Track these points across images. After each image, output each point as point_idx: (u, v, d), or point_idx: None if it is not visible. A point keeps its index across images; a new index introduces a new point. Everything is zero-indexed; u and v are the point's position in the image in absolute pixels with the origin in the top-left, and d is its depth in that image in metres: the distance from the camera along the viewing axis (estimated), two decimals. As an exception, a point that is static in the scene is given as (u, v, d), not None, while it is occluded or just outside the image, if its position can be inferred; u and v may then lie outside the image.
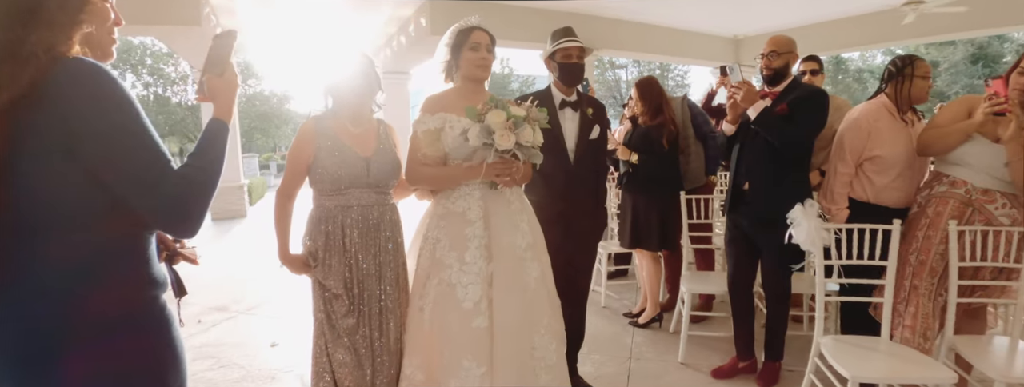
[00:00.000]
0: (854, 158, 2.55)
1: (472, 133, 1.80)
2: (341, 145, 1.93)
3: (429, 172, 1.99)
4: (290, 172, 1.98)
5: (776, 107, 2.48)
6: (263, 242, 6.39)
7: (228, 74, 1.22)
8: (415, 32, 8.06)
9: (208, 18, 7.15)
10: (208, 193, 1.06)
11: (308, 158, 1.93)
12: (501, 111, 1.79)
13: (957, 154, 2.32)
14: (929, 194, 2.41)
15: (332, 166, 1.90)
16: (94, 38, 1.05)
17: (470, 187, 1.97)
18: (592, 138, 2.49)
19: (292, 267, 1.98)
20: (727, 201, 2.70)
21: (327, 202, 1.95)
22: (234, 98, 1.23)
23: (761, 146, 2.52)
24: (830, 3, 8.41)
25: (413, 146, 2.00)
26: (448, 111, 1.97)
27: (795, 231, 2.31)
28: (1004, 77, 2.22)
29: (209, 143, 1.11)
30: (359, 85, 1.97)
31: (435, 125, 1.96)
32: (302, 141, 1.94)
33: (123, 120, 0.97)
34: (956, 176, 2.34)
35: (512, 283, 1.94)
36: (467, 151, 1.88)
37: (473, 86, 2.04)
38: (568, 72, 2.47)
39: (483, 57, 1.99)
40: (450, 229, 1.95)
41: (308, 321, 2.03)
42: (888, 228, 2.32)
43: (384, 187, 2.00)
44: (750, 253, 2.70)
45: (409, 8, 8.01)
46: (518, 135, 1.79)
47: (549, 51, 2.50)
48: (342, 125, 1.98)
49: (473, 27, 2.02)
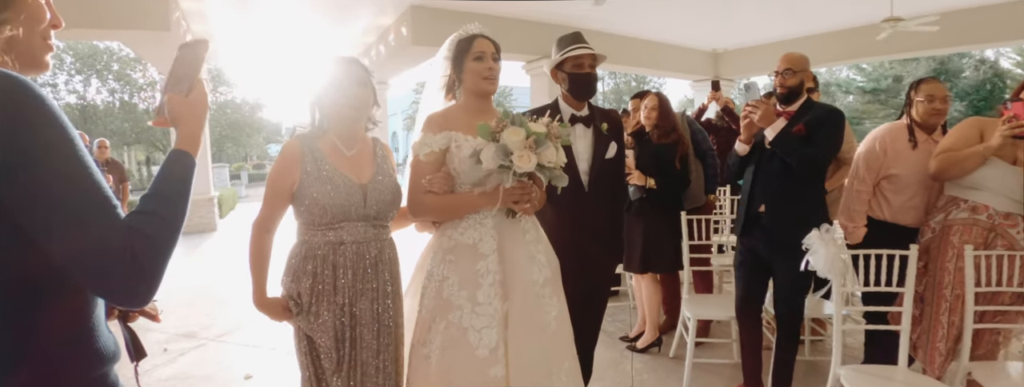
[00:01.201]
0: (872, 177, 2.57)
1: (487, 154, 1.57)
2: (332, 171, 1.64)
3: (436, 202, 1.73)
4: (270, 201, 1.66)
5: (793, 127, 2.37)
6: (235, 259, 6.10)
7: (196, 93, 0.99)
8: (395, 41, 7.90)
9: (178, 23, 6.87)
10: (168, 251, 0.81)
11: (292, 185, 1.64)
12: (519, 128, 1.56)
13: (975, 178, 2.27)
14: (948, 220, 2.33)
15: (322, 196, 1.60)
16: (20, 44, 0.80)
17: (481, 216, 1.73)
18: (608, 157, 2.26)
19: (270, 313, 1.68)
20: (740, 223, 2.57)
21: (315, 237, 1.65)
22: (203, 123, 0.99)
23: (777, 167, 2.42)
24: (808, 19, 8.54)
25: (415, 172, 1.75)
26: (454, 129, 1.74)
27: (813, 257, 2.20)
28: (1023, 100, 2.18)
29: (170, 183, 0.87)
30: (354, 97, 1.66)
31: (440, 146, 1.72)
32: (285, 165, 1.64)
33: (52, 156, 0.72)
34: (976, 201, 2.28)
35: (531, 324, 1.72)
36: (479, 175, 1.64)
37: (479, 102, 1.81)
38: (579, 83, 2.24)
39: (489, 67, 1.76)
40: (460, 264, 1.71)
41: (287, 349, 1.81)
42: (905, 253, 2.23)
43: (383, 220, 1.72)
44: (762, 277, 2.60)
45: (389, 17, 7.86)
46: (539, 155, 1.56)
47: (556, 60, 2.28)
48: (333, 146, 1.69)
49: (475, 35, 1.80)
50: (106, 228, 0.75)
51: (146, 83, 21.70)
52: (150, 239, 0.78)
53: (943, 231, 2.34)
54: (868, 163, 2.56)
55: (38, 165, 0.71)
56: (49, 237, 0.72)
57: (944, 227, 2.34)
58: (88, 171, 0.75)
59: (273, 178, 1.66)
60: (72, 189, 0.73)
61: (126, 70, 21.64)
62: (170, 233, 0.83)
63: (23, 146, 0.70)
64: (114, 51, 21.27)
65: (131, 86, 22.01)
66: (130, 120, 21.88)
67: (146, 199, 0.84)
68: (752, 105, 2.40)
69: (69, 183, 0.73)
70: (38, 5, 0.83)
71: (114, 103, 22.09)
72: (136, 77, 21.79)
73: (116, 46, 20.67)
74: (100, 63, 21.37)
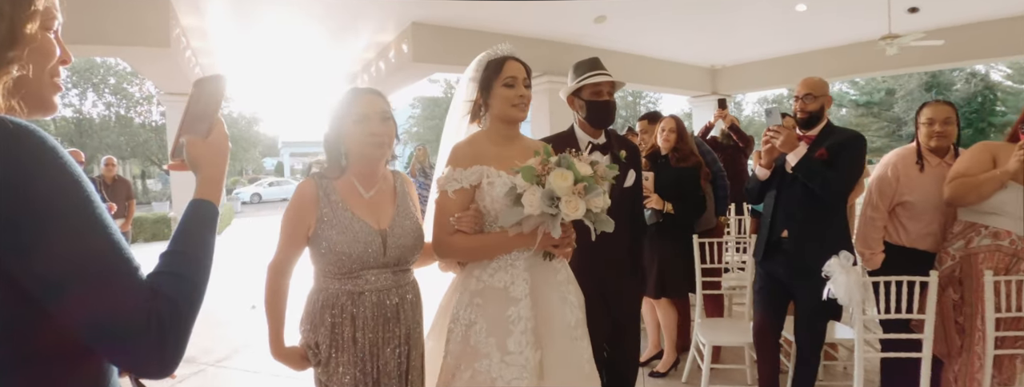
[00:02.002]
0: (885, 204, 2.55)
1: (531, 198, 1.43)
2: (349, 218, 1.53)
3: (465, 243, 1.59)
4: (286, 242, 1.56)
5: (815, 152, 2.35)
6: (233, 278, 6.01)
7: (216, 134, 0.91)
8: (396, 58, 7.91)
9: (178, 40, 6.86)
10: (193, 317, 0.74)
11: (307, 229, 1.54)
12: (567, 171, 1.43)
13: (993, 203, 2.25)
14: (971, 248, 2.30)
15: (339, 243, 1.50)
16: (29, 84, 0.71)
17: (512, 256, 1.60)
18: (627, 186, 2.21)
19: (289, 363, 1.59)
20: (761, 249, 2.54)
21: (332, 285, 1.55)
22: (224, 167, 0.91)
23: (799, 192, 2.39)
24: (805, 36, 8.62)
25: (442, 210, 1.61)
26: (484, 162, 1.60)
27: (833, 285, 2.17)
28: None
29: (192, 238, 0.79)
30: (380, 135, 1.52)
31: (470, 181, 1.58)
32: (300, 208, 1.54)
33: (63, 211, 0.64)
34: (997, 226, 2.26)
35: (568, 372, 1.61)
36: (516, 216, 1.48)
37: (508, 129, 1.68)
38: (598, 111, 2.17)
39: (521, 95, 1.63)
40: (488, 309, 1.57)
41: (288, 374, 1.72)
42: (925, 280, 2.21)
43: (404, 265, 1.61)
44: (782, 303, 2.57)
45: (390, 34, 7.88)
46: (589, 201, 1.44)
47: (573, 87, 2.20)
48: (351, 187, 1.58)
49: (505, 58, 1.66)
50: (127, 292, 0.67)
51: (143, 97, 21.68)
52: (174, 305, 0.70)
53: (969, 259, 2.31)
54: (881, 189, 2.55)
55: (46, 222, 0.63)
56: (61, 303, 0.64)
57: (968, 255, 2.31)
58: (107, 231, 0.67)
59: (288, 220, 1.56)
60: (89, 250, 0.65)
61: (123, 84, 21.61)
62: (195, 297, 0.75)
63: (30, 202, 0.62)
64: (111, 65, 21.25)
65: (128, 100, 21.97)
66: (126, 134, 21.81)
67: (168, 257, 0.76)
68: (774, 130, 2.36)
69: (82, 242, 0.65)
70: (48, 40, 0.74)
71: (110, 117, 22.02)
72: (133, 91, 21.75)
73: (113, 60, 20.66)
74: (97, 77, 21.34)
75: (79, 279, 0.64)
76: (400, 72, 7.86)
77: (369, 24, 7.54)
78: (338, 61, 9.79)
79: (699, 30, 8.25)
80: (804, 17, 7.55)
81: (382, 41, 8.28)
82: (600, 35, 8.00)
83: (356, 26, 7.61)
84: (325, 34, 8.03)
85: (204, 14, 6.88)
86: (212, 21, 7.22)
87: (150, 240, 11.22)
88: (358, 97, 1.55)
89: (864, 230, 2.60)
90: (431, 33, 7.37)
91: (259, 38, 8.25)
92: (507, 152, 1.63)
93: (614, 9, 7.05)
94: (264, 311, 1.58)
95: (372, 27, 7.66)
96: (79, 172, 0.67)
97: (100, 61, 21.03)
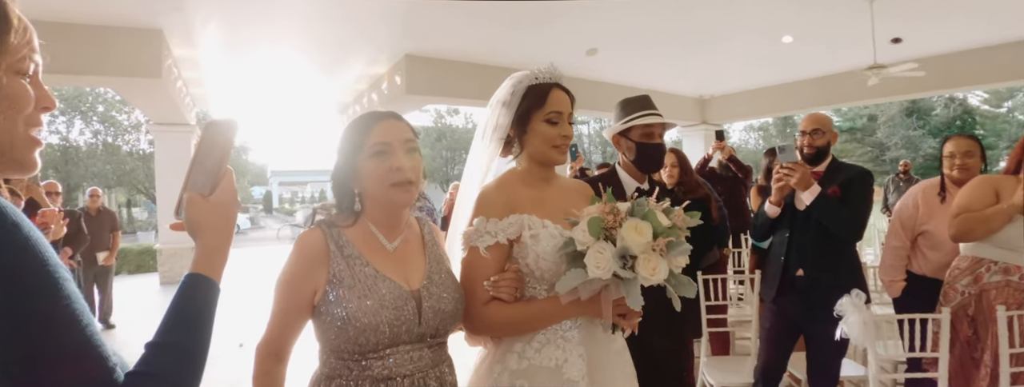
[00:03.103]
0: (907, 233, 2.63)
1: (599, 260, 1.11)
2: (372, 275, 1.16)
3: (506, 314, 1.26)
4: (282, 315, 1.17)
5: (827, 189, 2.34)
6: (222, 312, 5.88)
7: (222, 191, 0.77)
8: (389, 90, 7.93)
9: (170, 70, 6.83)
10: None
11: (314, 295, 1.15)
12: (644, 223, 1.13)
13: (1002, 238, 2.25)
14: (983, 284, 2.28)
15: (362, 310, 1.12)
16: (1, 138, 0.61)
17: (564, 327, 1.28)
18: None
19: None
20: (774, 288, 2.50)
21: (349, 368, 1.15)
22: (229, 233, 0.77)
23: (813, 230, 2.36)
24: (792, 66, 8.79)
25: (472, 273, 1.29)
26: (520, 210, 1.30)
27: (846, 325, 2.13)
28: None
29: (186, 325, 0.67)
30: (408, 171, 1.18)
31: (508, 235, 1.27)
32: (304, 266, 1.16)
33: (30, 304, 0.54)
34: (1007, 262, 2.25)
35: None
36: (576, 280, 1.14)
37: (543, 171, 1.40)
38: (648, 155, 1.97)
39: (565, 135, 1.34)
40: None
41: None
42: (937, 317, 2.18)
43: (442, 336, 1.25)
44: (791, 342, 2.54)
45: (383, 66, 7.92)
46: (671, 260, 1.14)
47: (620, 127, 2.01)
48: (369, 237, 1.22)
49: (551, 85, 1.35)
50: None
51: (131, 125, 21.52)
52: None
53: (982, 296, 2.29)
54: (903, 220, 2.63)
55: (19, 317, 0.53)
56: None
57: (981, 292, 2.30)
58: (80, 323, 0.57)
59: (285, 284, 1.17)
60: (59, 347, 0.55)
61: (111, 112, 21.46)
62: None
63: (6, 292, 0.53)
64: (100, 93, 21.15)
65: (116, 128, 21.80)
66: (112, 162, 21.56)
67: (154, 350, 0.64)
68: (789, 167, 2.31)
69: (54, 337, 0.55)
70: (18, 86, 0.61)
71: (97, 145, 21.80)
72: (121, 119, 21.61)
73: (103, 88, 20.59)
74: (85, 104, 21.21)
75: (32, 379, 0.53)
76: (392, 104, 7.87)
77: (362, 56, 7.58)
78: (330, 91, 9.81)
79: (688, 61, 8.38)
80: (790, 48, 7.71)
81: (375, 73, 8.32)
82: (593, 67, 8.09)
83: (348, 58, 7.65)
84: (317, 66, 8.06)
85: (196, 45, 6.88)
86: (204, 52, 7.22)
87: (135, 271, 11.00)
88: (375, 123, 1.19)
89: (887, 258, 2.68)
90: (424, 65, 7.42)
91: (250, 68, 8.26)
92: (544, 195, 1.36)
93: (606, 41, 7.15)
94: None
95: (365, 59, 7.70)
96: (52, 256, 0.57)
97: (89, 89, 20.96)
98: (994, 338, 2.19)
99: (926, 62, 7.18)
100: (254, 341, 1.20)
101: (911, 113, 31.43)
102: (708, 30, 6.94)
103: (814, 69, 8.95)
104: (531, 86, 1.36)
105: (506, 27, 6.52)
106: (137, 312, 6.81)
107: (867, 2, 5.98)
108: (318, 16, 6.07)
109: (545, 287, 1.29)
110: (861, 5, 6.04)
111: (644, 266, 1.11)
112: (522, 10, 6.00)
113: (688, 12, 6.29)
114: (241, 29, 6.49)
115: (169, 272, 8.73)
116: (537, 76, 1.36)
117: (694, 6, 6.07)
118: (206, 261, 0.73)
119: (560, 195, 1.39)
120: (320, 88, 9.58)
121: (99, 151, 21.76)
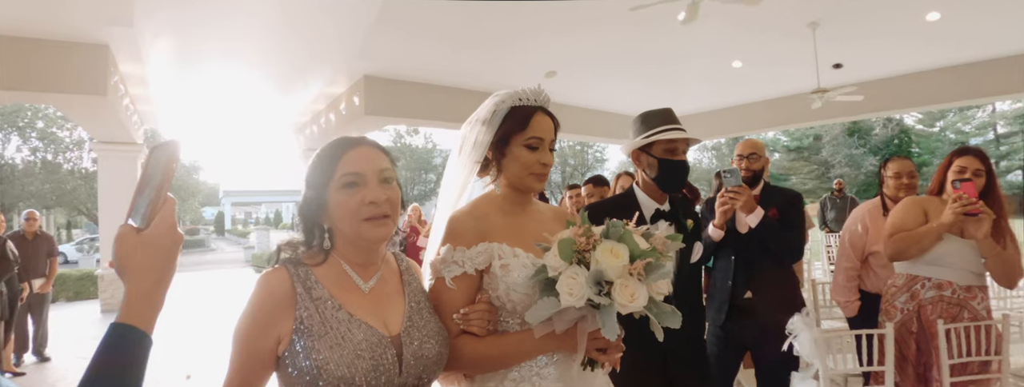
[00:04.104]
0: (857, 253, 2.73)
1: (572, 285, 1.02)
2: (346, 321, 1.04)
3: (478, 351, 1.17)
4: (239, 372, 1.02)
5: (768, 212, 2.42)
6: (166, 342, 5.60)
7: (157, 226, 0.69)
8: (347, 111, 7.85)
9: (116, 87, 6.59)
10: None
11: (277, 343, 1.02)
12: (619, 245, 1.04)
13: (934, 255, 2.36)
14: (918, 301, 2.40)
15: (334, 362, 0.99)
16: None
17: (539, 363, 1.19)
18: (694, 262, 1.93)
19: None
20: (724, 312, 2.54)
21: None
22: (164, 277, 0.68)
23: (758, 253, 2.42)
24: (743, 90, 9.16)
25: (441, 305, 1.20)
26: (492, 238, 1.22)
27: (797, 343, 2.20)
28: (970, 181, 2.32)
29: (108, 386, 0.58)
30: (377, 205, 1.07)
31: (477, 265, 1.19)
32: (266, 310, 1.02)
33: None
34: (939, 278, 2.37)
35: None
36: (548, 310, 1.05)
37: (520, 197, 1.32)
38: (672, 172, 1.84)
39: (545, 163, 1.26)
40: None
41: None
42: (883, 332, 2.28)
43: (426, 385, 1.13)
44: (737, 364, 2.57)
45: (341, 86, 7.84)
46: (650, 286, 1.05)
47: (641, 142, 1.87)
48: (341, 277, 1.10)
49: (535, 108, 1.28)
50: None
51: (73, 142, 20.60)
52: None
53: (919, 312, 2.40)
54: (853, 242, 2.73)
55: None
56: None
57: (918, 308, 2.41)
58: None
59: (244, 333, 1.02)
60: None
61: (51, 128, 20.51)
62: None
63: None
64: (39, 108, 20.21)
65: (56, 145, 20.81)
66: (51, 181, 20.51)
67: None
68: (735, 191, 2.35)
69: None
70: None
71: (35, 162, 20.75)
72: (63, 136, 20.66)
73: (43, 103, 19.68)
74: (23, 120, 20.21)
75: None
76: (351, 124, 7.79)
77: (320, 76, 7.50)
78: (286, 111, 9.64)
79: (644, 84, 8.61)
80: (740, 73, 8.04)
81: (333, 93, 8.23)
82: (551, 89, 8.11)
83: (306, 77, 7.56)
84: (273, 84, 7.93)
85: (145, 62, 6.66)
86: (153, 69, 7.00)
87: (73, 299, 10.41)
88: (346, 151, 1.09)
89: (840, 279, 2.76)
90: (383, 86, 7.39)
91: (203, 86, 8.05)
92: (518, 222, 1.29)
93: (564, 65, 7.28)
94: None
95: (323, 79, 7.61)
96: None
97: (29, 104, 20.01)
98: (937, 351, 2.30)
99: (865, 86, 7.62)
100: (202, 372, 1.09)
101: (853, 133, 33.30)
102: (663, 55, 7.18)
103: (763, 92, 9.35)
104: (514, 107, 1.28)
105: (466, 49, 6.58)
106: (74, 342, 6.43)
107: (810, 30, 6.30)
108: (275, 34, 5.99)
109: (518, 321, 1.21)
110: (805, 33, 6.36)
111: (621, 292, 1.01)
112: (482, 32, 6.07)
113: (644, 38, 6.49)
114: (193, 46, 6.34)
115: (111, 299, 8.33)
116: (521, 97, 1.29)
117: (649, 32, 6.26)
118: (134, 309, 0.64)
119: (536, 223, 1.31)
120: (276, 107, 9.40)
121: (38, 169, 20.71)
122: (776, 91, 9.24)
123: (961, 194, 2.27)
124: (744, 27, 6.28)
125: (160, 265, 0.67)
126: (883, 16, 6.03)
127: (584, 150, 29.48)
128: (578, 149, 30.39)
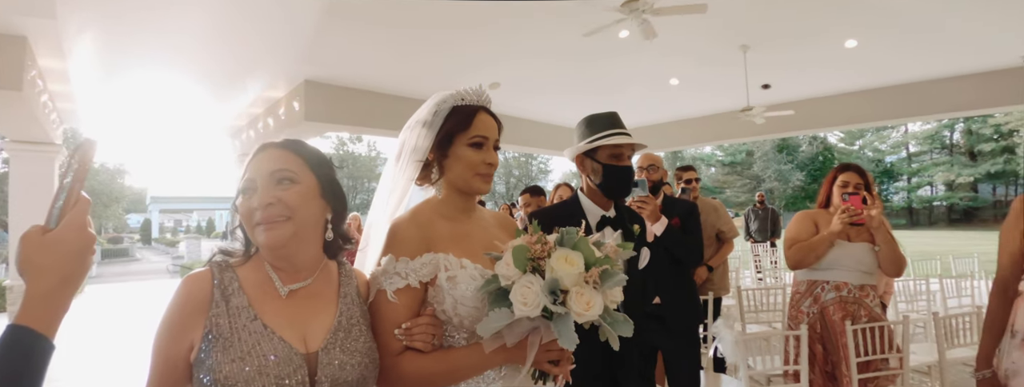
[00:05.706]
0: None
1: (527, 295, 0.99)
2: (257, 331, 0.98)
3: (423, 367, 1.11)
4: (154, 376, 0.98)
5: (670, 221, 2.54)
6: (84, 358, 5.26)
7: (65, 227, 0.66)
8: (286, 116, 7.66)
9: (33, 83, 6.18)
10: None
11: (189, 352, 0.98)
12: (574, 253, 1.02)
13: (829, 260, 2.57)
14: (821, 304, 2.60)
15: (234, 380, 0.92)
16: None
17: (487, 378, 1.14)
18: (641, 268, 1.91)
19: None
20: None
21: None
22: (69, 279, 0.65)
23: (664, 260, 2.50)
24: (680, 106, 9.58)
25: (381, 320, 1.13)
26: (437, 248, 1.16)
27: (721, 344, 2.33)
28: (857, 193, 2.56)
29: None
30: (262, 209, 1.02)
31: (421, 276, 1.13)
32: (180, 314, 0.98)
33: None
34: (836, 280, 2.57)
35: None
36: (501, 321, 1.02)
37: (464, 202, 1.26)
38: (617, 178, 1.82)
39: (490, 163, 1.23)
40: None
41: None
42: (797, 334, 2.43)
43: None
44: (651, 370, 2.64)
45: (280, 90, 7.65)
46: (605, 294, 1.03)
47: (585, 147, 1.85)
48: (264, 280, 1.05)
49: (477, 108, 1.25)
50: None
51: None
52: None
53: (823, 313, 2.59)
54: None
55: None
56: None
57: (821, 309, 2.60)
58: None
59: (159, 334, 0.98)
60: None
61: (-43, 128, 18.93)
62: None
63: None
64: (-57, 106, 18.61)
65: (-39, 146, 19.20)
66: (-44, 187, 18.91)
67: None
68: (643, 200, 2.43)
69: None
70: None
71: (-63, 166, 19.10)
72: (-31, 136, 19.08)
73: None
74: (-77, 119, 18.56)
75: None
76: (290, 129, 7.59)
77: (258, 79, 7.28)
78: (221, 114, 9.29)
79: (588, 99, 8.84)
80: (677, 90, 8.40)
81: (272, 97, 8.00)
82: (495, 100, 8.22)
83: (244, 80, 7.33)
84: (208, 86, 7.63)
85: (68, 56, 6.28)
86: (77, 64, 6.61)
87: (-24, 310, 9.57)
88: (252, 157, 1.07)
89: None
90: (325, 92, 7.25)
91: (131, 84, 7.66)
92: (463, 230, 1.24)
93: (508, 77, 7.39)
94: None
95: (262, 82, 7.40)
96: None
97: (-71, 101, 18.36)
98: (843, 349, 2.47)
99: (791, 105, 8.14)
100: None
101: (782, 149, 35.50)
102: (604, 72, 7.43)
103: (698, 109, 9.79)
104: (456, 107, 1.24)
105: (410, 56, 6.56)
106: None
107: (741, 53, 6.68)
108: (212, 33, 5.79)
109: (465, 336, 1.15)
110: (736, 55, 6.74)
111: (577, 300, 0.99)
112: (427, 40, 6.08)
113: (587, 55, 6.69)
114: (122, 41, 6.04)
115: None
116: (463, 97, 1.25)
117: (592, 51, 6.45)
118: (33, 310, 0.59)
119: (481, 230, 1.26)
120: (210, 109, 9.04)
121: (-60, 173, 19.02)
122: (710, 108, 9.69)
123: (849, 206, 2.51)
124: (680, 48, 6.58)
125: (65, 266, 0.63)
126: (807, 42, 6.46)
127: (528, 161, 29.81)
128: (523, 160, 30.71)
